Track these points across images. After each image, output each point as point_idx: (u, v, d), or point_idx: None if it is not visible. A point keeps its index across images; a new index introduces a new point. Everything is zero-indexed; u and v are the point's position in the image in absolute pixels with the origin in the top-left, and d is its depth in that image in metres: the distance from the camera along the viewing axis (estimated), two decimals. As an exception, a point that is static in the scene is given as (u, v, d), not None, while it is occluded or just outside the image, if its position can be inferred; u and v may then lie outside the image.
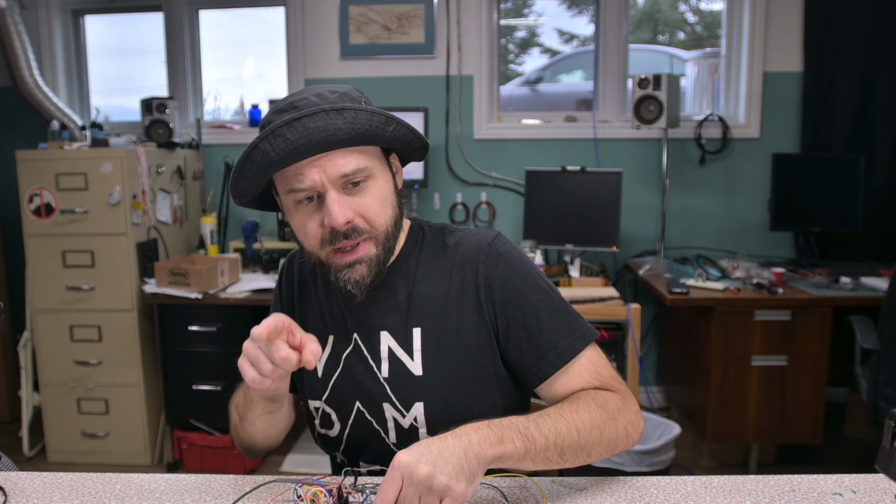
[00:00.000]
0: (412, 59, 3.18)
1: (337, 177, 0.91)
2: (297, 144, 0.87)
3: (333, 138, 0.88)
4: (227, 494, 0.96)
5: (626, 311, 2.40)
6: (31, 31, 3.17)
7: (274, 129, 0.87)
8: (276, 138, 0.87)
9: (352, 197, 0.94)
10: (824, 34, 3.01)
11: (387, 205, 0.97)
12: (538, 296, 1.00)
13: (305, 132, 0.86)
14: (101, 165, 2.62)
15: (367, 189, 0.94)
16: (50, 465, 2.81)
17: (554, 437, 0.87)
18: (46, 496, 0.96)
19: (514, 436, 0.84)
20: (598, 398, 0.94)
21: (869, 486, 0.95)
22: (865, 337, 2.19)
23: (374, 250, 0.96)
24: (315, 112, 0.87)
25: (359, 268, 0.96)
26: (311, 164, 0.90)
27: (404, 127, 0.94)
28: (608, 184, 2.83)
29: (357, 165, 0.92)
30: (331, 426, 1.07)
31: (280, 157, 0.88)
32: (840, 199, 2.91)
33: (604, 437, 0.91)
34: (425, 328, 1.01)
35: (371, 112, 0.90)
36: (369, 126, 0.90)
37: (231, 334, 2.64)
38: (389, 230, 0.97)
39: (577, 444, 0.89)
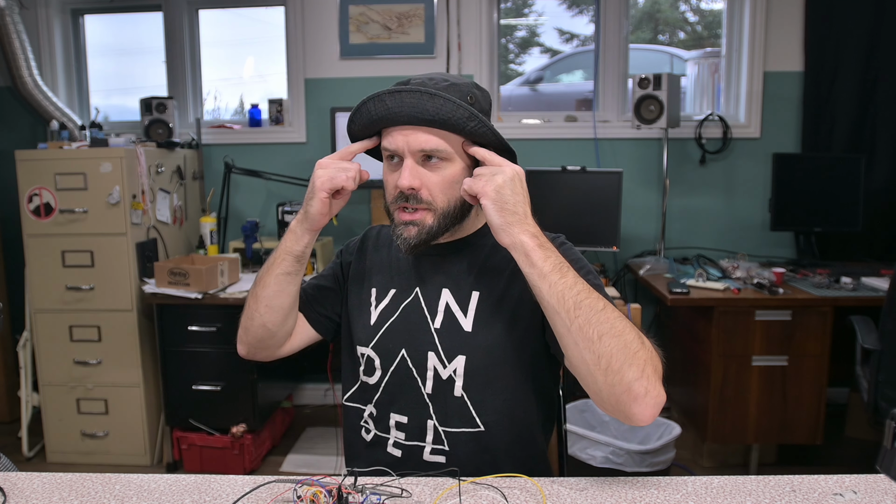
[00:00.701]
0: (412, 58, 3.18)
1: (416, 149, 1.05)
2: (391, 111, 1.03)
3: (419, 116, 1.02)
4: (227, 495, 0.96)
5: (627, 311, 2.40)
6: (30, 30, 3.17)
7: (380, 94, 1.04)
8: (378, 101, 1.04)
9: (425, 170, 1.06)
10: (825, 34, 3.01)
11: (455, 187, 1.07)
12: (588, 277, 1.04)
13: (400, 103, 1.02)
14: (101, 165, 2.62)
15: (439, 168, 1.06)
16: (49, 465, 2.80)
17: (581, 289, 0.93)
18: (46, 496, 0.96)
19: (553, 256, 0.96)
20: (640, 335, 0.93)
21: (870, 487, 0.95)
22: (866, 337, 2.19)
23: (430, 220, 1.07)
24: (413, 90, 1.01)
25: (411, 228, 1.07)
26: (401, 131, 1.05)
27: (485, 126, 1.04)
28: (608, 184, 2.83)
29: (435, 146, 1.04)
30: (372, 373, 1.15)
31: (378, 117, 1.05)
32: (840, 199, 2.91)
33: (623, 336, 0.90)
34: (483, 293, 1.12)
35: (457, 105, 1.01)
36: (451, 116, 1.01)
37: (231, 334, 2.62)
38: (450, 209, 1.08)
39: (597, 313, 0.91)
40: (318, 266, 2.94)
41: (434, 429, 1.10)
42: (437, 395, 1.10)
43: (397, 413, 1.12)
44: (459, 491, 0.94)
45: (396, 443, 1.12)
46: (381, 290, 1.19)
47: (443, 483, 0.98)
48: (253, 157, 3.27)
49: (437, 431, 1.09)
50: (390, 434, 1.13)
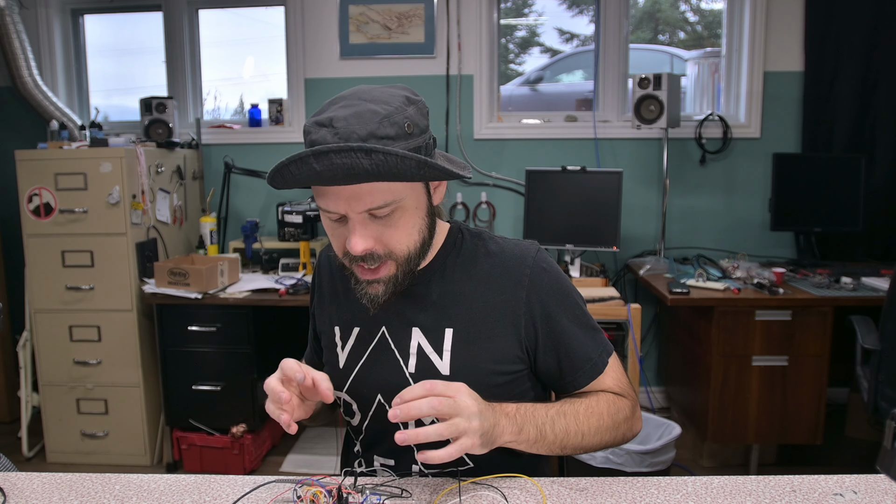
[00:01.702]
0: (412, 58, 3.18)
1: (362, 210, 0.91)
2: (323, 176, 0.86)
3: (357, 177, 0.86)
4: (227, 495, 0.96)
5: (627, 311, 2.40)
6: (30, 30, 3.17)
7: (303, 156, 0.85)
8: (302, 164, 0.85)
9: (376, 225, 0.93)
10: (825, 34, 3.01)
11: (413, 231, 0.96)
12: (575, 311, 1.07)
13: (331, 167, 0.84)
14: (101, 165, 2.62)
15: (393, 219, 0.93)
16: (49, 465, 2.80)
17: (563, 436, 0.97)
18: (46, 496, 0.96)
19: (531, 430, 0.94)
20: (613, 407, 1.03)
21: (870, 487, 0.95)
22: (866, 337, 2.18)
23: (393, 271, 0.97)
24: (344, 149, 0.83)
25: (376, 286, 0.97)
26: (339, 194, 0.90)
27: (438, 170, 0.89)
28: (608, 184, 2.83)
29: (383, 200, 0.90)
30: (352, 416, 1.10)
31: (306, 181, 0.88)
32: (841, 199, 2.91)
33: (602, 442, 1.02)
34: (457, 329, 1.03)
35: (402, 157, 0.84)
36: (397, 171, 0.85)
37: (231, 334, 2.64)
38: (412, 254, 0.97)
39: (578, 445, 1.00)
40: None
41: (420, 472, 1.05)
42: None
43: (382, 456, 1.08)
44: (459, 491, 0.94)
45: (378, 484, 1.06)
46: (345, 329, 1.10)
47: (443, 483, 0.98)
48: (253, 157, 3.27)
49: (423, 474, 1.05)
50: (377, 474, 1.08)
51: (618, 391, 1.07)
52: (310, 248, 2.94)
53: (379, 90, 0.94)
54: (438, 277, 1.06)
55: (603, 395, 1.04)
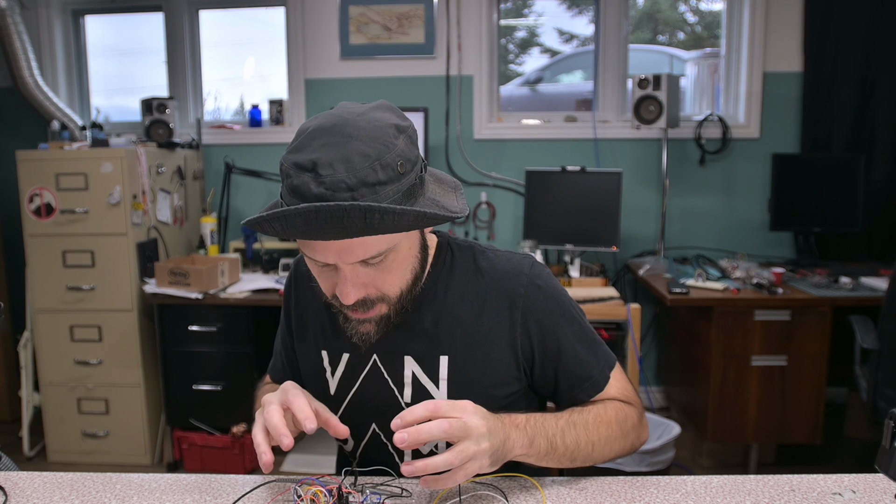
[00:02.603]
0: (412, 59, 3.18)
1: (352, 261, 0.85)
2: (310, 234, 0.79)
3: (349, 234, 0.79)
4: (227, 494, 0.96)
5: (626, 311, 2.40)
6: (31, 31, 3.17)
7: (287, 214, 0.76)
8: (287, 223, 0.78)
9: (368, 271, 0.88)
10: (824, 34, 3.01)
11: (406, 272, 0.92)
12: (573, 327, 1.03)
13: (321, 230, 0.78)
14: (102, 165, 2.62)
15: (386, 264, 0.88)
16: (50, 464, 2.81)
17: (573, 448, 0.94)
18: (46, 496, 0.96)
19: (542, 442, 0.91)
20: (621, 414, 1.01)
21: (869, 486, 0.95)
22: (865, 337, 2.19)
23: (385, 311, 0.93)
24: (333, 209, 0.75)
25: (367, 325, 0.93)
26: (326, 245, 0.83)
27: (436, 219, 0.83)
28: (608, 184, 2.83)
29: (377, 251, 0.85)
30: (345, 442, 1.07)
31: (293, 236, 0.82)
32: (840, 200, 2.91)
33: (612, 452, 1.00)
34: (453, 356, 0.99)
35: (399, 213, 0.78)
36: (394, 226, 0.79)
37: (231, 334, 2.64)
38: (405, 293, 0.93)
39: (589, 456, 0.97)
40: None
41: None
42: None
43: None
44: (459, 491, 0.94)
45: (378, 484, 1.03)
46: (333, 355, 1.04)
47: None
48: (253, 157, 3.27)
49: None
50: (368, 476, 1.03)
51: (623, 400, 1.04)
52: (310, 249, 2.94)
53: (365, 118, 0.84)
54: (429, 302, 1.00)
55: (611, 403, 1.02)
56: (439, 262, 1.02)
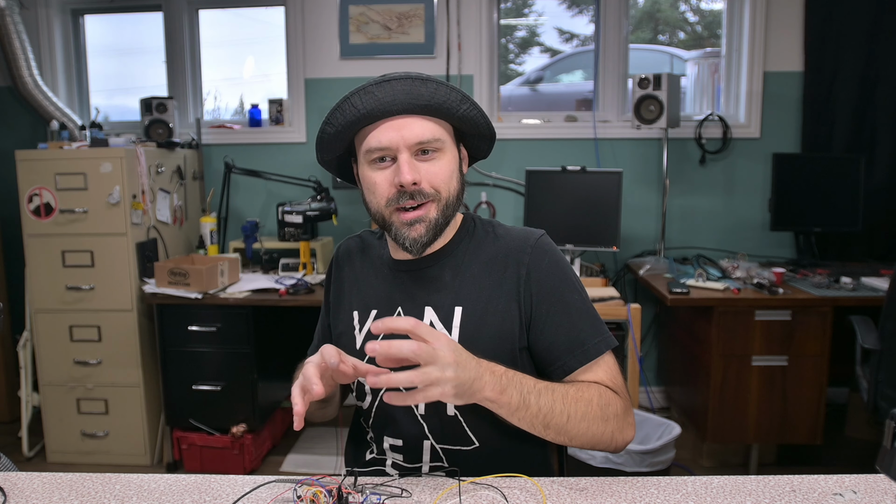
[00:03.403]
0: (412, 58, 3.18)
1: (413, 141, 1.00)
2: (383, 101, 0.98)
3: (416, 101, 0.99)
4: (227, 495, 0.96)
5: (627, 311, 2.40)
6: (30, 30, 3.17)
7: (365, 86, 0.98)
8: (365, 94, 0.98)
9: (422, 163, 1.02)
10: (825, 34, 3.01)
11: (453, 177, 1.05)
12: (573, 296, 1.07)
13: (392, 92, 0.98)
14: (101, 165, 2.62)
15: (437, 159, 1.03)
16: (49, 465, 2.81)
17: (547, 411, 0.95)
18: (46, 496, 0.96)
19: (514, 394, 0.92)
20: (605, 398, 1.00)
21: (869, 487, 0.95)
22: (866, 337, 2.19)
23: (434, 213, 1.03)
24: (403, 77, 0.98)
25: (418, 227, 1.03)
26: (392, 126, 1.00)
27: (476, 109, 1.04)
28: (608, 184, 2.83)
29: (433, 135, 1.01)
30: (363, 398, 1.13)
31: (367, 110, 0.99)
32: (840, 199, 2.91)
33: (589, 432, 0.98)
34: (466, 308, 1.07)
35: (450, 87, 1.00)
36: (447, 98, 0.99)
37: (231, 334, 2.64)
38: (452, 199, 1.05)
39: (563, 427, 0.97)
40: (318, 265, 2.94)
41: (431, 448, 1.07)
42: (431, 416, 1.07)
43: (391, 437, 1.10)
44: (459, 491, 0.94)
45: (395, 464, 1.11)
46: (363, 312, 1.14)
47: (443, 483, 0.98)
48: (253, 157, 3.27)
49: (434, 450, 1.07)
50: (387, 456, 1.11)
51: (611, 386, 1.04)
52: (310, 248, 2.94)
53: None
54: (450, 261, 1.11)
55: (595, 385, 1.02)
56: (463, 229, 1.14)
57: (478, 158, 1.19)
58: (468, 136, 1.12)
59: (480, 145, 1.15)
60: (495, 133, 1.12)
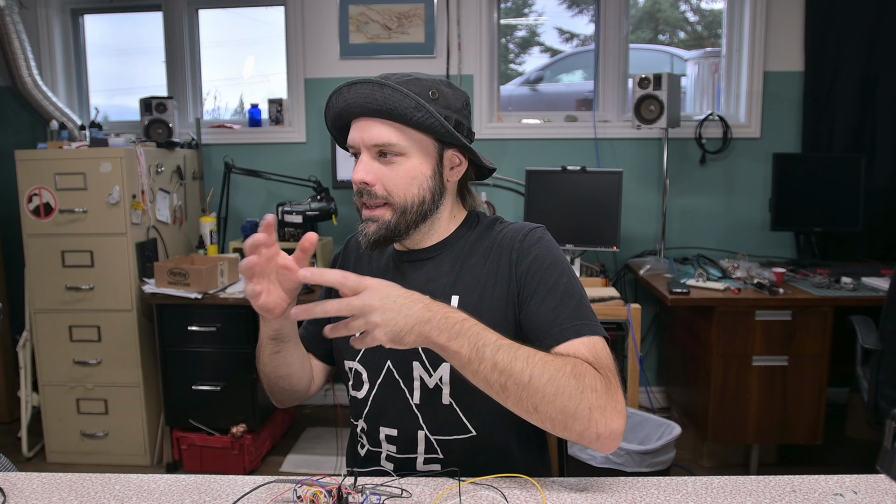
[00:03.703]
0: (412, 58, 3.18)
1: (370, 143, 1.05)
2: (348, 102, 1.05)
3: (370, 105, 1.03)
4: (227, 495, 0.96)
5: (627, 311, 2.40)
6: (30, 30, 3.17)
7: (341, 86, 1.06)
8: (339, 95, 1.07)
9: (381, 165, 1.06)
10: (825, 34, 3.01)
11: (413, 183, 1.06)
12: (562, 279, 1.06)
13: (354, 95, 1.04)
14: (101, 165, 2.62)
15: (396, 163, 1.05)
16: (49, 465, 2.80)
17: (504, 367, 0.88)
18: (45, 497, 0.96)
19: (466, 343, 0.89)
20: (580, 368, 0.91)
21: (870, 487, 0.95)
22: (866, 337, 2.18)
23: (389, 216, 1.06)
24: (367, 81, 1.03)
25: (370, 224, 1.07)
26: (357, 126, 1.07)
27: (433, 118, 1.03)
28: (608, 184, 2.83)
29: (388, 140, 1.04)
30: (360, 387, 1.14)
31: (338, 110, 1.08)
32: (841, 199, 2.91)
33: (558, 400, 0.88)
34: (462, 297, 1.09)
35: (405, 95, 1.01)
36: (398, 105, 1.01)
37: (231, 334, 2.64)
38: (410, 205, 1.07)
39: (524, 387, 0.88)
40: (318, 265, 2.94)
41: (426, 438, 1.08)
42: (426, 405, 1.08)
43: (386, 426, 1.11)
44: (459, 491, 0.94)
45: (389, 456, 1.11)
46: None
47: (443, 483, 0.98)
48: (253, 157, 3.27)
49: (428, 440, 1.08)
50: (382, 448, 1.12)
51: (591, 362, 0.94)
52: (310, 248, 2.93)
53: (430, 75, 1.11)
54: (451, 253, 1.14)
55: (572, 357, 0.94)
56: (466, 224, 1.17)
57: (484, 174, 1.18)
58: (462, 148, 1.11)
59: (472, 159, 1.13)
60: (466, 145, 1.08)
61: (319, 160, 3.27)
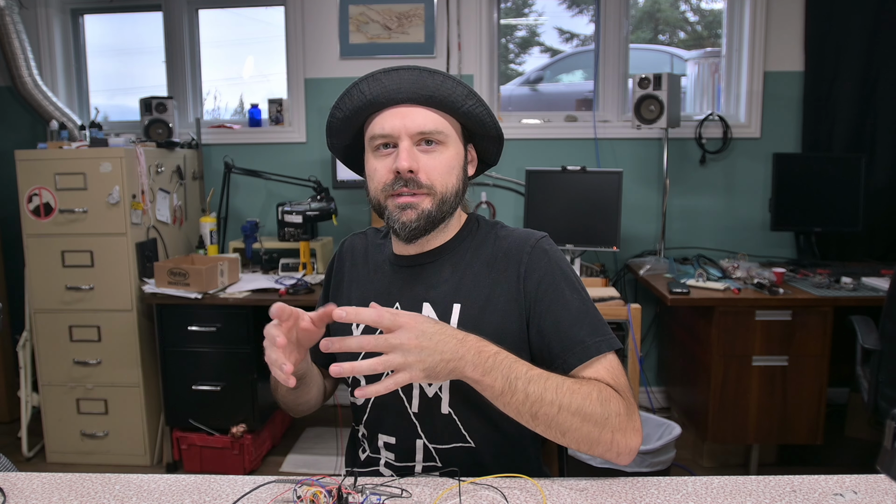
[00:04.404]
0: (412, 58, 3.18)
1: (415, 130, 1.02)
2: (389, 89, 1.00)
3: (420, 91, 1.00)
4: (227, 495, 0.96)
5: (627, 311, 2.40)
6: (30, 30, 3.17)
7: (374, 73, 1.01)
8: (373, 81, 1.01)
9: (422, 154, 1.04)
10: (825, 34, 3.01)
11: (452, 173, 1.05)
12: (573, 294, 1.06)
13: (399, 80, 1.00)
14: (101, 165, 2.62)
15: (438, 151, 1.04)
16: (49, 465, 2.80)
17: (535, 399, 0.91)
18: (45, 497, 0.96)
19: (499, 379, 0.90)
20: (605, 394, 0.95)
21: (870, 487, 0.95)
22: (866, 337, 2.18)
23: (427, 205, 1.04)
24: (411, 68, 1.00)
25: (409, 211, 1.04)
26: (396, 114, 1.02)
27: (482, 106, 1.04)
28: (608, 184, 2.83)
29: (435, 126, 1.03)
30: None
31: (374, 96, 1.02)
32: (841, 199, 2.91)
33: (584, 428, 0.93)
34: (465, 306, 1.07)
35: (457, 82, 1.01)
36: (452, 92, 1.00)
37: (230, 334, 2.64)
38: (448, 195, 1.05)
39: (553, 418, 0.92)
40: (318, 265, 2.94)
41: (424, 447, 1.07)
42: (424, 414, 1.07)
43: (385, 434, 1.10)
44: (459, 491, 0.94)
45: (388, 463, 1.10)
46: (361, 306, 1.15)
47: (443, 483, 0.98)
48: (253, 157, 3.27)
49: (426, 449, 1.07)
50: (381, 455, 1.11)
51: (612, 385, 0.99)
52: (310, 248, 2.94)
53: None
54: (451, 257, 1.12)
55: (594, 381, 0.97)
56: (466, 229, 1.15)
57: (488, 164, 1.19)
58: (477, 138, 1.12)
59: (489, 148, 1.14)
60: (503, 135, 1.12)
61: (319, 160, 3.27)
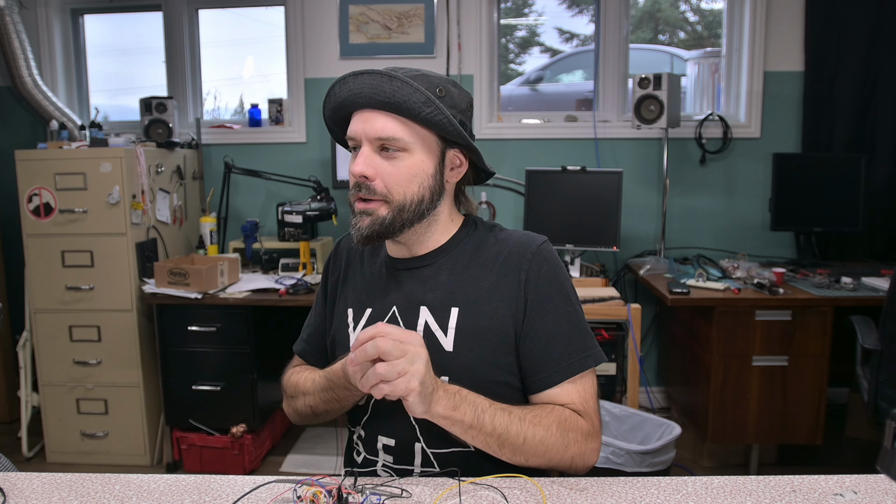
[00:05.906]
0: (412, 58, 3.18)
1: (373, 136, 1.02)
2: (353, 93, 1.02)
3: (377, 97, 1.00)
4: (227, 495, 0.96)
5: (627, 312, 2.39)
6: (30, 30, 3.17)
7: (345, 76, 1.03)
8: (342, 84, 1.03)
9: (382, 160, 1.03)
10: (825, 33, 3.01)
11: (413, 181, 1.04)
12: (567, 308, 1.07)
13: (361, 84, 1.01)
14: (101, 165, 2.62)
15: (399, 159, 1.03)
16: (49, 465, 2.80)
17: (501, 431, 0.97)
18: (45, 497, 0.96)
19: (468, 412, 0.95)
20: (567, 423, 1.01)
21: (870, 487, 0.95)
22: (866, 337, 2.18)
23: (384, 212, 1.04)
24: (375, 73, 1.00)
25: (365, 219, 1.05)
26: (360, 118, 1.04)
27: (441, 114, 1.00)
28: (608, 184, 2.82)
29: (392, 134, 1.01)
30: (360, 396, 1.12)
31: (341, 100, 1.04)
32: (841, 199, 2.91)
33: (546, 455, 1.00)
34: (463, 309, 1.07)
35: (415, 89, 0.99)
36: (408, 99, 0.99)
37: (230, 334, 2.64)
38: (408, 204, 1.04)
39: (518, 448, 0.98)
40: (318, 265, 2.93)
41: (422, 451, 1.06)
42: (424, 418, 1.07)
43: (385, 436, 1.09)
44: (459, 491, 0.94)
45: (385, 465, 1.09)
46: (358, 310, 1.15)
47: (443, 483, 0.98)
48: (253, 157, 3.27)
49: (424, 454, 1.06)
50: (379, 457, 1.10)
51: (580, 409, 1.04)
52: (310, 248, 2.94)
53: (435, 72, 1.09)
54: (447, 260, 1.11)
55: (559, 408, 1.02)
56: (463, 230, 1.14)
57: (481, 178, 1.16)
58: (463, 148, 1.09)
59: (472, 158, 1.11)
60: (473, 145, 1.07)
61: (319, 160, 3.27)
